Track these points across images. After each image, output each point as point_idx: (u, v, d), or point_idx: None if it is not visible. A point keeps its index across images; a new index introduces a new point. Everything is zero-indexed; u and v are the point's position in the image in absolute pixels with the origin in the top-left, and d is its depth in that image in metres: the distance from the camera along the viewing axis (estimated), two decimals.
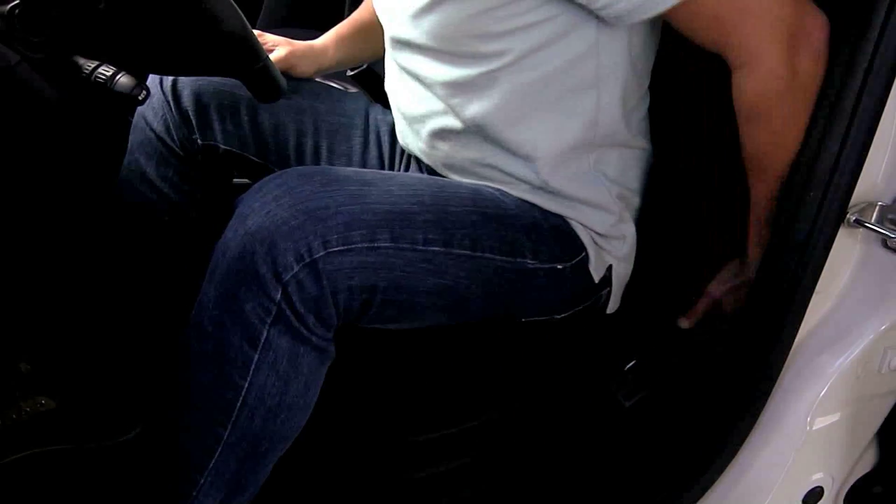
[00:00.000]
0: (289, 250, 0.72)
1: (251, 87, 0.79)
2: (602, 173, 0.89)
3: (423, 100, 0.90)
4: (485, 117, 0.84)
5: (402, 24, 0.84)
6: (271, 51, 1.05)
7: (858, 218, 0.75)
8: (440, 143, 0.91)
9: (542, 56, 0.79)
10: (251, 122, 1.03)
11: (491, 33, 0.77)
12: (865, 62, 0.71)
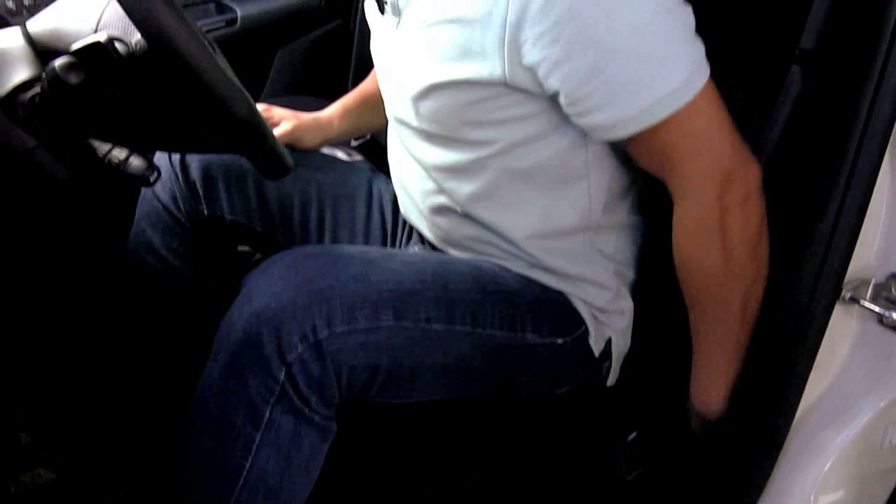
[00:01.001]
0: (293, 331, 0.73)
1: (259, 166, 0.81)
2: (599, 251, 0.90)
3: (421, 178, 0.92)
4: (476, 201, 0.86)
5: (401, 105, 0.87)
6: (277, 124, 1.08)
7: (853, 295, 0.76)
8: (439, 219, 0.93)
9: (530, 147, 0.80)
10: (257, 195, 1.05)
11: (481, 122, 0.79)
12: (856, 141, 0.73)
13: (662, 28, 0.69)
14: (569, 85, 0.71)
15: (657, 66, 0.69)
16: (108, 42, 0.67)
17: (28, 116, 0.68)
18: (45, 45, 0.71)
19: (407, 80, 0.81)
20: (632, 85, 0.70)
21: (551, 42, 0.68)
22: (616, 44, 0.68)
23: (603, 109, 0.72)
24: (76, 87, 0.65)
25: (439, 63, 0.76)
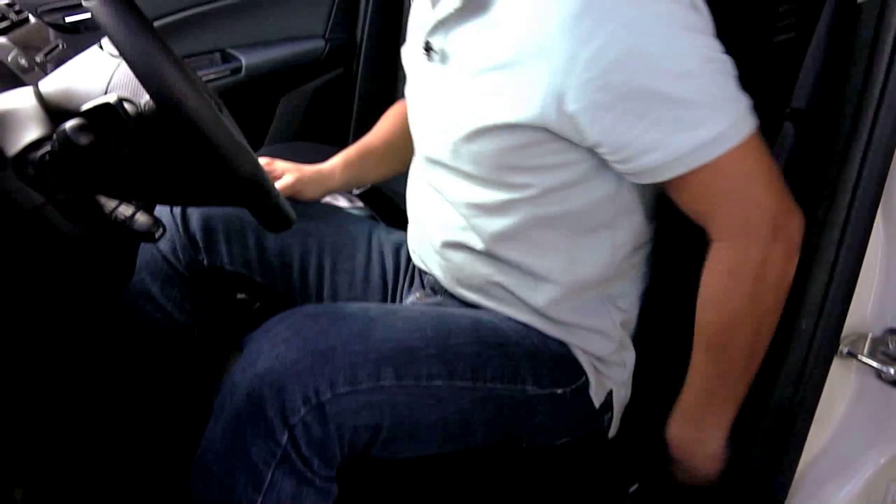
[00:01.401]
0: (296, 393, 0.73)
1: (261, 220, 0.82)
2: (609, 303, 0.90)
3: (444, 213, 0.92)
4: (500, 240, 0.87)
5: (438, 146, 0.88)
6: (279, 177, 1.10)
7: (850, 350, 0.76)
8: (453, 255, 0.93)
9: (563, 194, 0.82)
10: (257, 245, 1.07)
11: (520, 167, 0.81)
12: (848, 197, 0.75)
13: (707, 74, 0.71)
14: (614, 133, 0.73)
15: (704, 110, 0.71)
16: (117, 103, 0.69)
17: (38, 174, 0.69)
18: (57, 105, 0.73)
19: (451, 124, 0.83)
20: (678, 128, 0.71)
21: (596, 90, 0.71)
22: (662, 91, 0.70)
23: (648, 153, 0.73)
24: (86, 148, 0.66)
25: (485, 108, 0.78)
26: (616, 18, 0.68)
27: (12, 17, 1.02)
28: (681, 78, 0.70)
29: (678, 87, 0.70)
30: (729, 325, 0.79)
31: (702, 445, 0.86)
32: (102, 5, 0.63)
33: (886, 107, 0.68)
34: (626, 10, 0.69)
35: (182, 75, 0.65)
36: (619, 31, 0.69)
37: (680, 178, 0.74)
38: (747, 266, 0.76)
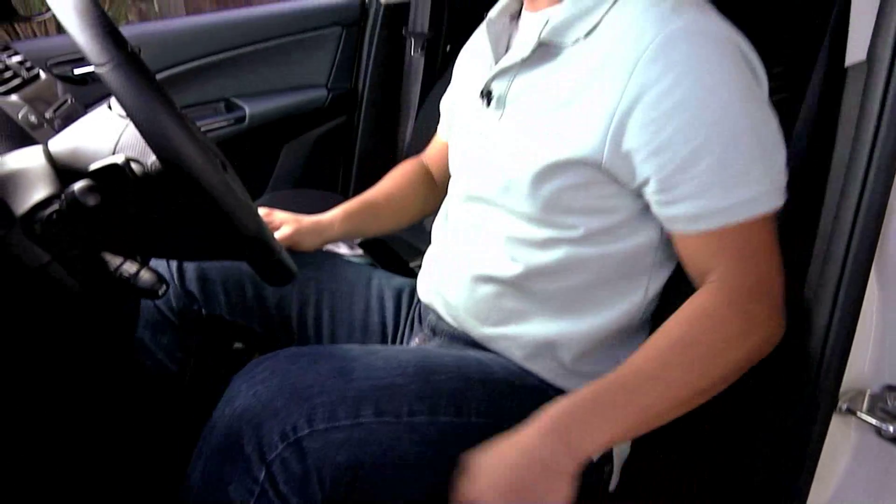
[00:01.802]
0: (274, 429, 0.73)
1: (263, 275, 0.84)
2: (626, 352, 0.90)
3: (480, 245, 0.93)
4: (539, 273, 0.87)
5: (489, 185, 0.90)
6: (278, 228, 1.11)
7: (850, 406, 0.76)
8: (483, 288, 0.93)
9: (607, 238, 0.84)
10: (255, 296, 1.08)
11: (569, 208, 0.83)
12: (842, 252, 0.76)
13: (761, 135, 0.75)
14: (663, 172, 0.75)
15: (752, 167, 0.74)
16: (124, 164, 0.70)
17: (44, 232, 0.70)
18: (65, 164, 0.75)
19: (509, 165, 0.85)
20: (726, 180, 0.74)
21: (656, 131, 0.74)
22: (718, 140, 0.73)
23: (691, 200, 0.76)
24: (93, 208, 0.68)
25: (546, 146, 0.81)
26: (685, 69, 0.72)
27: (24, 75, 1.04)
28: (733, 139, 0.73)
29: (734, 141, 0.73)
30: (705, 328, 0.76)
31: (550, 459, 0.70)
32: (112, 70, 0.65)
33: (875, 168, 0.70)
34: (695, 63, 0.72)
35: (188, 137, 0.66)
36: (686, 80, 0.72)
37: (705, 232, 0.77)
38: (729, 310, 0.76)
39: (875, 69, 0.70)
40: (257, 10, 1.92)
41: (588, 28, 0.80)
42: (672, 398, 0.74)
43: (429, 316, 1.03)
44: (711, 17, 0.76)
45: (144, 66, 0.67)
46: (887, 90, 0.69)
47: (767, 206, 0.76)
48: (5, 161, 0.75)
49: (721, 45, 0.74)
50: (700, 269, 0.80)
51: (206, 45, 1.75)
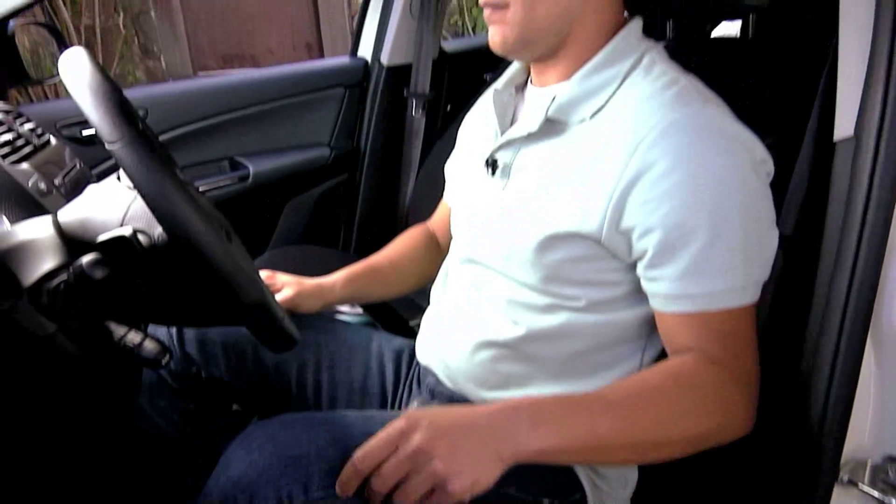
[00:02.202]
0: (269, 497, 0.73)
1: (265, 342, 0.84)
2: None
3: (480, 308, 0.93)
4: (538, 337, 0.88)
5: (491, 252, 0.91)
6: (280, 290, 1.12)
7: (851, 478, 0.76)
8: (481, 351, 0.93)
9: (608, 307, 0.85)
10: (254, 359, 1.08)
11: (570, 279, 0.84)
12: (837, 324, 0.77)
13: (750, 231, 0.76)
14: (653, 250, 0.77)
15: (735, 260, 0.76)
16: (132, 236, 0.72)
17: (51, 303, 0.72)
18: (74, 235, 0.76)
19: (512, 234, 0.87)
20: (707, 269, 0.76)
21: (651, 210, 0.76)
22: (706, 228, 0.75)
23: (672, 281, 0.77)
24: (100, 281, 0.69)
25: (549, 219, 0.82)
26: (684, 156, 0.74)
27: (35, 142, 1.07)
28: (721, 230, 0.75)
29: (726, 230, 0.75)
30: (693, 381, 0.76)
31: (491, 435, 0.69)
32: (123, 147, 0.67)
33: (867, 241, 0.71)
34: (694, 152, 0.74)
35: (195, 211, 0.68)
36: (683, 166, 0.74)
37: (683, 313, 0.78)
38: (707, 376, 0.76)
39: (863, 145, 0.72)
40: (263, 72, 1.97)
41: (594, 110, 0.82)
42: (626, 437, 0.72)
43: (427, 378, 1.03)
44: (714, 109, 0.77)
45: (153, 142, 0.69)
46: (875, 165, 0.72)
47: (742, 300, 0.77)
48: (16, 231, 0.76)
49: (721, 138, 0.75)
50: (678, 346, 0.81)
51: (212, 106, 1.79)
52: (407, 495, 0.67)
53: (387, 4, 1.95)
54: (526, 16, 0.81)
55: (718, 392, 0.76)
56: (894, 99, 0.71)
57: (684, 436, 0.74)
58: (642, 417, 0.73)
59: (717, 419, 0.75)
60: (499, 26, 0.83)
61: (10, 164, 0.97)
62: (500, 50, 0.86)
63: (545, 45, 0.85)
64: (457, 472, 0.66)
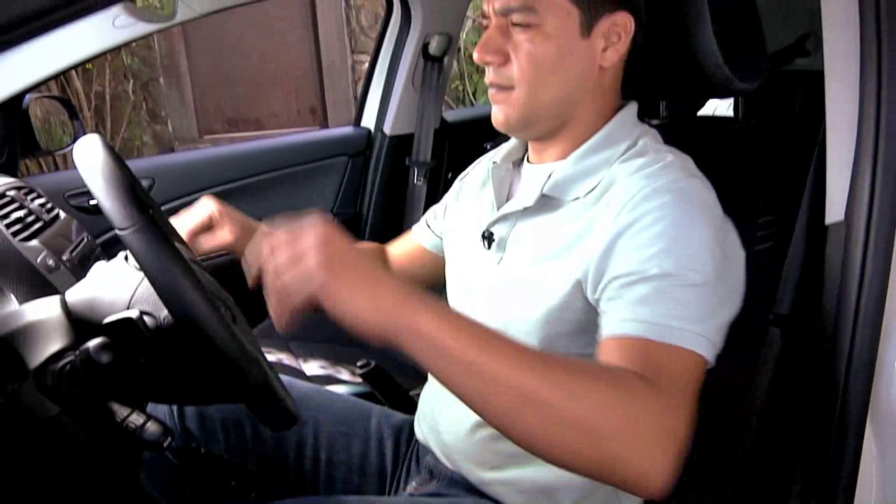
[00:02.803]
0: None
1: (265, 421, 0.84)
2: (626, 495, 0.89)
3: None
4: None
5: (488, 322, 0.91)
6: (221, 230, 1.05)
7: None
8: (479, 430, 0.92)
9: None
10: (254, 434, 1.08)
11: (569, 351, 0.84)
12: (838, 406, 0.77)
13: (719, 289, 0.74)
14: (622, 281, 0.74)
15: (698, 307, 0.72)
16: (138, 318, 0.73)
17: (56, 384, 0.72)
18: (81, 316, 0.77)
19: (503, 310, 0.88)
20: (669, 302, 0.72)
21: (632, 256, 0.74)
22: (682, 272, 0.73)
23: (631, 304, 0.73)
24: (106, 365, 0.70)
25: (540, 296, 0.83)
26: (669, 209, 0.75)
27: (45, 218, 1.09)
28: (693, 275, 0.73)
29: (686, 278, 0.73)
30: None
31: (371, 283, 0.64)
32: (133, 234, 0.69)
33: (862, 327, 0.72)
34: (679, 206, 0.75)
35: (201, 297, 0.69)
36: (667, 217, 0.75)
37: (626, 336, 0.72)
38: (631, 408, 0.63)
39: (854, 230, 0.74)
40: (268, 142, 2.02)
41: (587, 189, 0.84)
42: (517, 375, 0.62)
43: (426, 457, 1.03)
44: (699, 182, 0.80)
45: (162, 228, 0.71)
46: (867, 249, 0.73)
47: (691, 344, 0.70)
48: (25, 312, 0.78)
49: (699, 205, 0.77)
50: (609, 356, 0.75)
51: (217, 175, 1.83)
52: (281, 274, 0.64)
53: (390, 77, 2.00)
54: (529, 98, 0.84)
55: (640, 403, 0.63)
56: (881, 185, 0.73)
57: (579, 417, 0.61)
58: (546, 370, 0.63)
59: (624, 424, 0.62)
60: (503, 106, 0.86)
61: (20, 240, 0.99)
62: (503, 129, 0.89)
63: (546, 127, 0.88)
64: (333, 283, 0.63)
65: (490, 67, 0.85)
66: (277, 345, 1.69)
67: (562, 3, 0.80)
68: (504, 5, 0.81)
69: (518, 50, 0.82)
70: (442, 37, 1.91)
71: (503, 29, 0.83)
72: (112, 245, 1.57)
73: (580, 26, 0.81)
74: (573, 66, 0.83)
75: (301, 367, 1.62)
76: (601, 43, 0.83)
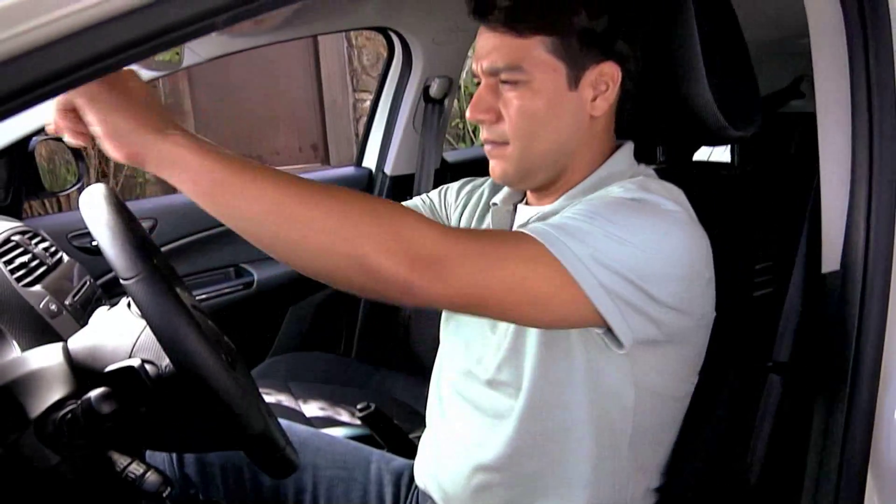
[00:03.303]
0: None
1: (265, 468, 0.84)
2: None
3: (475, 428, 0.93)
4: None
5: (483, 368, 0.92)
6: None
7: None
8: (478, 475, 0.92)
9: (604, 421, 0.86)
10: (253, 483, 1.07)
11: (570, 398, 0.85)
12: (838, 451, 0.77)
13: (646, 257, 0.74)
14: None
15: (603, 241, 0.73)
16: (140, 367, 0.73)
17: (56, 434, 0.72)
18: (83, 364, 0.78)
19: (500, 353, 0.88)
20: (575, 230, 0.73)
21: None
22: (602, 222, 0.74)
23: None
24: (107, 415, 0.70)
25: (534, 335, 0.84)
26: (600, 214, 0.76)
27: (48, 262, 1.10)
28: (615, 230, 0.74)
29: (599, 228, 0.74)
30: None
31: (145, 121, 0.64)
32: (136, 283, 0.70)
33: (861, 377, 0.73)
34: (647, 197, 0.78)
35: (203, 345, 0.70)
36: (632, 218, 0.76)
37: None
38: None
39: (850, 279, 0.75)
40: None
41: None
42: (262, 197, 0.63)
43: (426, 503, 1.02)
44: (671, 198, 0.80)
45: (166, 276, 0.72)
46: (864, 299, 0.74)
47: (581, 277, 0.71)
48: (28, 359, 0.78)
49: (651, 210, 0.77)
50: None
51: None
52: None
53: (391, 118, 2.03)
54: (524, 152, 0.85)
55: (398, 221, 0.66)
56: (876, 235, 0.74)
57: (334, 227, 0.64)
58: (305, 192, 0.65)
59: (375, 231, 0.65)
60: (499, 161, 0.87)
61: (24, 286, 1.00)
62: (501, 182, 0.90)
63: (543, 177, 0.89)
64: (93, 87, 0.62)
65: (483, 126, 0.86)
66: (276, 385, 1.68)
67: (547, 59, 0.82)
68: (492, 65, 0.83)
69: (508, 107, 0.83)
70: (443, 80, 1.94)
71: (493, 87, 0.84)
72: (114, 285, 1.58)
73: (567, 79, 0.83)
74: (564, 118, 0.84)
75: (300, 408, 1.61)
76: (590, 93, 0.85)
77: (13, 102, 0.49)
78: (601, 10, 0.83)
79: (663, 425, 0.90)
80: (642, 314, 0.75)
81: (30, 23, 0.48)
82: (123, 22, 0.51)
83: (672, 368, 0.85)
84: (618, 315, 0.74)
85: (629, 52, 0.86)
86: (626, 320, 0.74)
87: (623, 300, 0.73)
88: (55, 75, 0.50)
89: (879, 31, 0.76)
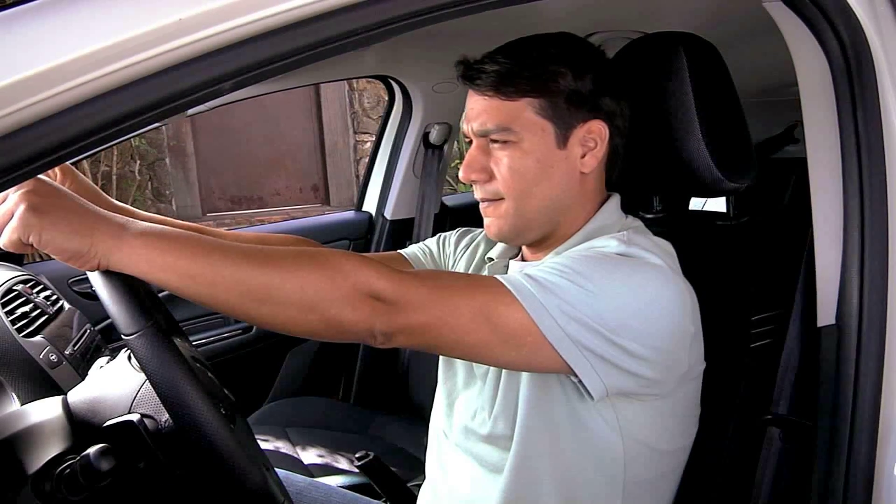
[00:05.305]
0: None
1: None
2: None
3: (479, 481, 0.92)
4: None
5: (478, 424, 0.92)
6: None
7: None
8: None
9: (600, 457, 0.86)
10: None
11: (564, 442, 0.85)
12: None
13: (628, 308, 0.76)
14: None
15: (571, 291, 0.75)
16: (139, 422, 0.73)
17: (54, 491, 0.72)
18: (82, 418, 0.78)
19: (495, 408, 0.89)
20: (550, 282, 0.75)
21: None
22: (584, 281, 0.75)
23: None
24: (105, 472, 0.70)
25: (529, 377, 0.85)
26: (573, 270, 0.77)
27: (49, 311, 1.10)
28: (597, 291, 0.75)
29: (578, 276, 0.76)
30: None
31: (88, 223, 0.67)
32: (138, 339, 0.70)
33: (859, 431, 0.73)
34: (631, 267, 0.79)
35: (203, 403, 0.70)
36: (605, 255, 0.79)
37: None
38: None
39: (845, 334, 0.76)
40: (272, 227, 2.06)
41: None
42: (218, 279, 0.68)
43: None
44: (660, 254, 0.81)
45: (166, 333, 0.72)
46: (860, 354, 0.74)
47: (546, 327, 0.73)
48: (27, 413, 0.78)
49: (650, 267, 0.79)
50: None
51: None
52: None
53: (391, 163, 2.06)
54: (518, 209, 0.87)
55: (334, 267, 0.71)
56: (870, 290, 0.75)
57: (294, 295, 0.69)
58: (256, 262, 0.69)
59: (327, 287, 0.70)
60: (494, 219, 0.89)
61: (24, 336, 1.00)
62: (496, 238, 0.92)
63: (538, 233, 0.90)
64: (33, 216, 0.64)
65: (476, 185, 0.88)
66: (275, 431, 1.67)
67: (535, 119, 0.84)
68: (482, 127, 0.86)
69: (500, 166, 0.86)
70: (442, 126, 1.97)
71: (484, 148, 0.87)
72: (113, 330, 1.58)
73: (556, 139, 0.85)
74: (554, 175, 0.86)
75: (299, 456, 1.60)
76: (578, 151, 0.87)
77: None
78: (586, 71, 0.85)
79: (660, 476, 0.89)
80: (615, 367, 0.76)
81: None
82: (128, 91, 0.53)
83: (658, 421, 0.85)
84: (587, 366, 0.75)
85: (616, 108, 0.88)
86: (595, 372, 0.76)
87: (591, 352, 0.75)
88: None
89: (865, 89, 0.78)
